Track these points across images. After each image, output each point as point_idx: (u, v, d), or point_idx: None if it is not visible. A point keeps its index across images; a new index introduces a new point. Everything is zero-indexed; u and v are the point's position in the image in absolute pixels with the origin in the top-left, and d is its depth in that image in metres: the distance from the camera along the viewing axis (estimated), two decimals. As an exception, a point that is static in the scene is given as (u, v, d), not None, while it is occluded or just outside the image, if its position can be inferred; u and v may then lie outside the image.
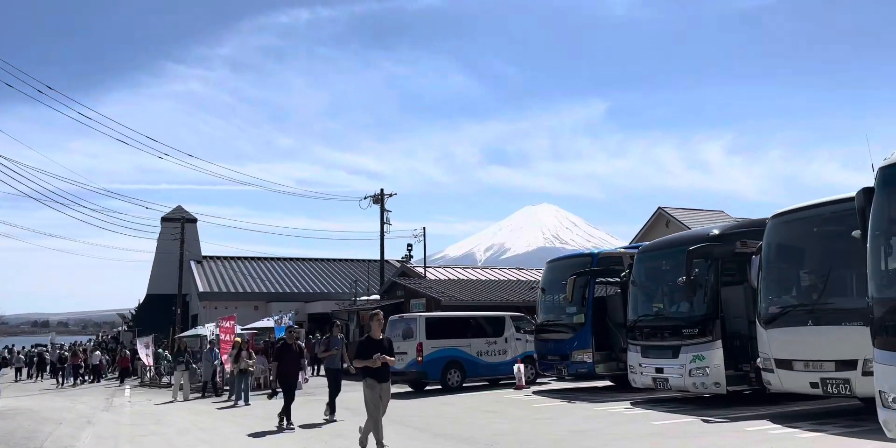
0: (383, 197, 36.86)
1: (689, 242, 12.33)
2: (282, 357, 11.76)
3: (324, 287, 43.84)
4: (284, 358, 11.72)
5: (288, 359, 11.75)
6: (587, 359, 14.79)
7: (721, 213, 48.82)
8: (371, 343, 8.44)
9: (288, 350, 11.84)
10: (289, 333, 12.45)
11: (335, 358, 13.05)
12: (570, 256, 16.81)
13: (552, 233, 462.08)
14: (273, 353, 12.70)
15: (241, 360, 15.60)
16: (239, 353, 15.66)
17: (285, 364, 11.69)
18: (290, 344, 11.96)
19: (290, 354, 11.84)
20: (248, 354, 15.84)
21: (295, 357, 11.99)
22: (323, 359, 14.19)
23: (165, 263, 47.04)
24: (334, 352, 13.14)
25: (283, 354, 11.77)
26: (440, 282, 25.78)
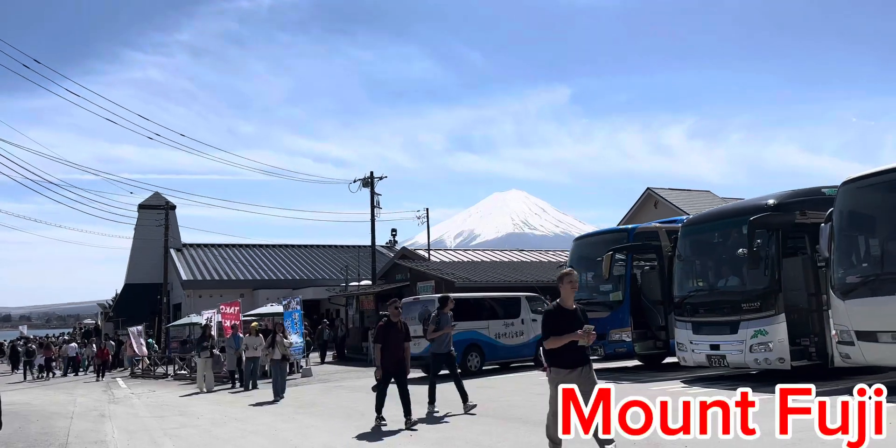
0: (373, 180, 35.97)
1: (744, 213, 11.77)
2: (386, 338, 9.33)
3: (312, 274, 42.89)
4: (390, 340, 9.35)
5: (394, 340, 9.38)
6: (626, 338, 14.21)
7: (708, 193, 48.81)
8: (565, 314, 5.84)
9: (392, 330, 9.41)
10: (393, 309, 9.59)
11: (445, 339, 10.69)
12: (603, 232, 16.17)
13: (521, 218, 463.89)
14: (374, 334, 9.86)
15: (279, 346, 14.32)
16: (274, 339, 14.37)
17: (391, 348, 9.32)
18: (394, 322, 9.46)
19: (397, 335, 9.43)
20: (284, 338, 14.67)
21: (403, 338, 9.55)
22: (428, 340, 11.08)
23: (144, 252, 45.66)
24: (448, 330, 10.70)
25: (388, 335, 9.36)
26: (448, 264, 25.07)
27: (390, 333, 9.39)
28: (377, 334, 9.50)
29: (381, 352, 9.29)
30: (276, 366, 14.16)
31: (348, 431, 8.95)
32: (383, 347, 9.29)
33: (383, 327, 9.45)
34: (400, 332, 9.48)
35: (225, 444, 8.75)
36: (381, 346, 9.30)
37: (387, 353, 9.27)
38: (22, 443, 9.53)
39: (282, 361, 14.23)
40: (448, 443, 7.91)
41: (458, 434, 8.40)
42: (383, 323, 9.53)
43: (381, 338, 9.37)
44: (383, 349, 9.29)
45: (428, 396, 10.48)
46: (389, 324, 9.45)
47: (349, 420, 10.06)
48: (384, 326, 9.46)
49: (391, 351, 9.30)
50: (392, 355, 9.30)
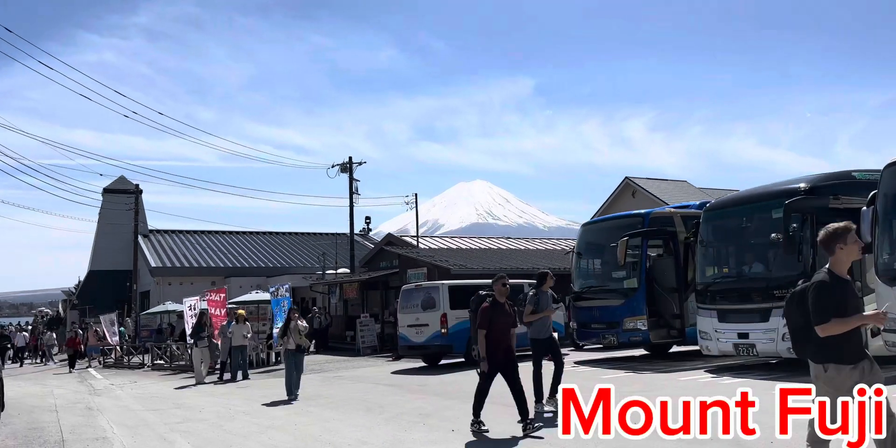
0: (352, 165, 35.09)
1: (775, 196, 11.35)
2: (492, 321, 7.50)
3: (286, 261, 41.84)
4: (496, 324, 7.54)
5: (501, 325, 7.58)
6: (641, 326, 13.73)
7: (685, 183, 48.92)
8: (844, 286, 4.24)
9: (500, 311, 7.63)
10: (500, 286, 7.77)
11: (546, 323, 9.02)
12: (616, 217, 15.68)
13: (485, 209, 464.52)
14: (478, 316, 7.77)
15: (292, 333, 12.21)
16: (287, 325, 12.33)
17: (497, 334, 7.55)
18: (500, 303, 7.70)
19: (505, 318, 7.66)
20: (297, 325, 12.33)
21: (511, 322, 7.77)
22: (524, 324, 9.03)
23: (108, 238, 44.13)
24: (549, 313, 9.07)
25: (495, 318, 7.53)
26: (440, 250, 24.35)
27: (497, 316, 7.56)
28: (482, 318, 7.55)
29: (485, 339, 7.47)
30: (289, 357, 12.24)
31: (379, 426, 8.26)
32: (488, 333, 7.48)
33: (489, 309, 7.56)
34: (508, 314, 7.72)
35: (245, 439, 7.98)
36: (486, 331, 7.48)
37: (492, 340, 7.48)
38: (13, 440, 8.62)
39: (297, 352, 12.26)
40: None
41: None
42: (488, 303, 7.66)
43: (487, 321, 7.49)
44: (488, 335, 7.47)
45: (534, 394, 8.64)
46: (496, 304, 7.63)
47: (371, 414, 9.35)
48: (490, 308, 7.58)
49: (497, 338, 7.52)
50: (498, 343, 7.52)
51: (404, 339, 16.31)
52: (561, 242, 30.38)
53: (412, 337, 16.02)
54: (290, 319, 12.31)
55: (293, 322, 12.18)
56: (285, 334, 12.24)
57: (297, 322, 12.26)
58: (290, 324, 12.24)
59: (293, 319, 12.24)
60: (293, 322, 12.18)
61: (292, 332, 12.09)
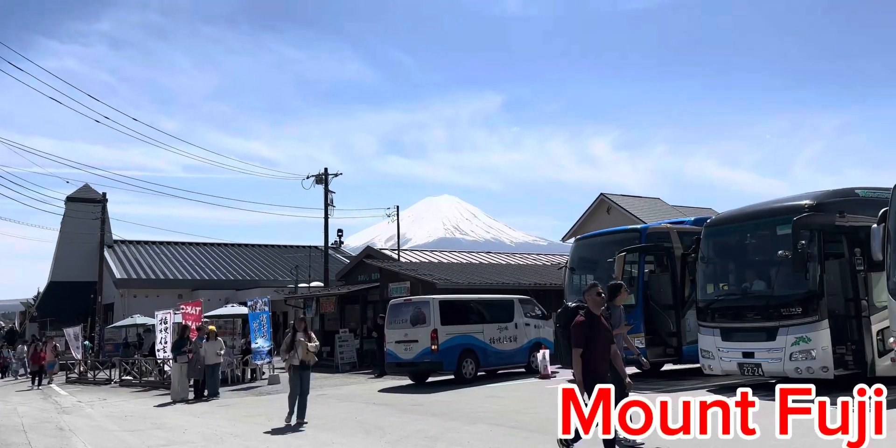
0: (327, 177, 34.50)
1: (781, 212, 11.17)
2: (591, 339, 6.27)
3: (256, 274, 40.90)
4: (596, 341, 6.30)
5: (601, 342, 6.35)
6: (639, 344, 13.38)
7: (658, 201, 49.24)
8: None
9: (598, 326, 6.36)
10: (595, 296, 6.42)
11: (618, 341, 7.58)
12: (611, 232, 15.37)
13: (452, 223, 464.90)
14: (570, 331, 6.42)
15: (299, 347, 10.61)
16: (294, 339, 10.73)
17: (598, 353, 6.30)
18: (596, 316, 6.40)
19: (604, 333, 6.42)
20: (308, 338, 10.84)
21: (610, 338, 6.59)
22: None
23: (71, 248, 42.72)
24: (623, 330, 7.93)
25: (591, 333, 6.28)
26: (422, 264, 23.83)
27: (597, 332, 6.31)
28: (577, 334, 6.26)
29: (582, 359, 6.17)
30: (294, 374, 10.65)
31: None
32: (586, 351, 6.18)
33: (585, 323, 6.28)
34: (607, 329, 6.50)
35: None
36: (584, 349, 6.19)
37: (590, 360, 6.21)
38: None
39: (302, 369, 10.64)
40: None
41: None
42: (583, 316, 6.35)
43: (584, 338, 6.22)
44: (586, 354, 6.18)
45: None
46: (592, 317, 6.35)
47: (371, 437, 8.82)
48: (587, 322, 6.30)
49: (597, 358, 6.28)
50: (597, 364, 6.28)
51: (392, 355, 15.75)
52: (542, 258, 30.10)
53: (400, 354, 15.47)
54: (295, 331, 10.89)
55: (299, 333, 10.82)
56: (291, 348, 10.71)
57: (304, 336, 10.88)
58: (297, 336, 10.79)
59: (299, 331, 10.87)
60: (299, 333, 10.82)
61: (300, 345, 10.65)
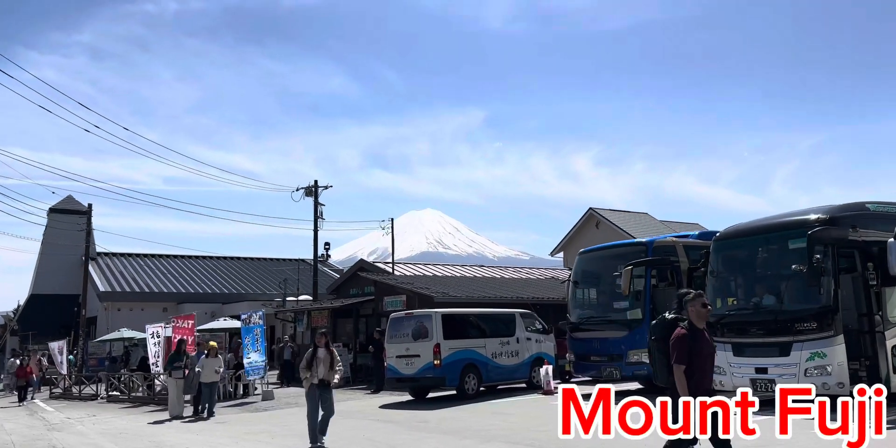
0: (317, 189, 34.22)
1: (793, 226, 11.07)
2: (693, 355, 5.60)
3: (242, 287, 40.36)
4: (701, 357, 5.64)
5: (706, 358, 5.70)
6: (646, 359, 13.15)
7: (646, 215, 49.47)
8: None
9: (701, 340, 5.68)
10: (699, 308, 5.74)
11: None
12: (617, 245, 15.24)
13: (435, 237, 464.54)
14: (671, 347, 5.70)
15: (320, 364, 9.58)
16: (315, 355, 9.67)
17: (702, 370, 5.65)
18: (700, 329, 5.72)
19: (707, 347, 5.71)
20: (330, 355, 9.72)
21: (714, 353, 5.88)
22: None
23: (53, 260, 42.00)
24: None
25: (696, 348, 5.62)
26: (418, 277, 23.55)
27: (700, 346, 5.65)
28: (678, 348, 5.60)
29: (685, 376, 5.55)
30: (312, 394, 9.56)
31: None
32: (689, 368, 5.57)
33: (687, 337, 5.63)
34: (711, 344, 5.81)
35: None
36: (687, 367, 5.58)
37: (693, 377, 5.57)
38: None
39: (322, 388, 9.53)
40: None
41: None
42: (685, 329, 5.69)
43: (685, 353, 5.58)
44: (689, 371, 5.56)
45: None
46: (695, 331, 5.69)
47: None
48: (689, 335, 5.65)
49: (700, 375, 5.62)
50: (701, 382, 5.63)
51: (393, 370, 15.43)
52: (534, 272, 29.93)
53: (402, 369, 15.16)
54: (316, 347, 9.81)
55: (320, 349, 9.74)
56: (311, 365, 9.64)
57: (328, 351, 9.78)
58: (318, 352, 9.70)
59: (320, 347, 9.78)
60: (320, 349, 9.74)
61: (319, 363, 9.60)
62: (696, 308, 5.77)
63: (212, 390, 14.94)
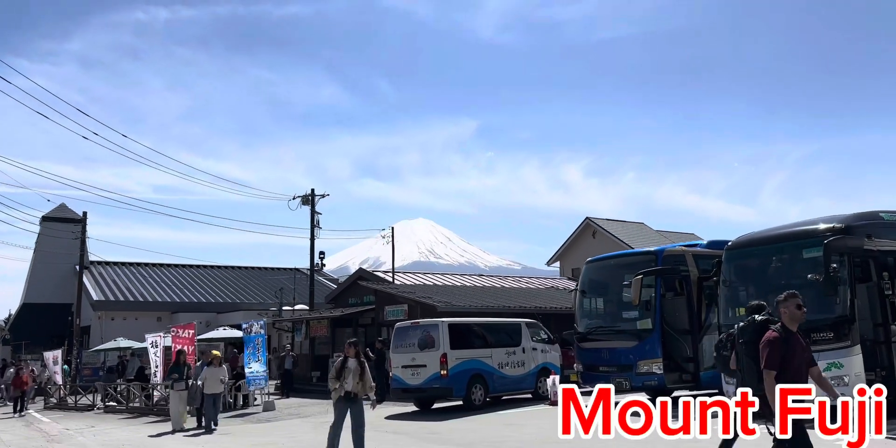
0: (314, 198, 34.08)
1: (808, 236, 11.00)
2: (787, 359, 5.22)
3: (237, 297, 40.07)
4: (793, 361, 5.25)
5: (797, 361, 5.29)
6: (657, 370, 13.09)
7: (643, 225, 49.49)
8: None
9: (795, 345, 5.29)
10: (794, 309, 5.39)
11: None
12: (626, 254, 15.13)
13: (427, 247, 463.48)
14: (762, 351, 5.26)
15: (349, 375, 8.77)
16: (344, 365, 8.87)
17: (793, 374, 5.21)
18: (793, 332, 5.34)
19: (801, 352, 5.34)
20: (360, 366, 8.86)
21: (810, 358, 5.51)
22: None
23: (45, 269, 41.65)
24: None
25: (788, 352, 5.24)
26: (420, 287, 23.36)
27: (794, 351, 5.27)
28: (770, 353, 5.19)
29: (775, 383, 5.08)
30: (340, 407, 8.82)
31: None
32: (780, 374, 5.14)
33: (779, 340, 5.23)
34: (805, 349, 5.44)
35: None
36: (778, 373, 5.15)
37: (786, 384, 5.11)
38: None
39: (351, 402, 8.82)
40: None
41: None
42: (777, 332, 5.29)
43: (777, 358, 5.18)
44: (781, 377, 5.12)
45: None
46: (788, 334, 5.31)
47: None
48: (781, 339, 5.25)
49: (794, 381, 5.15)
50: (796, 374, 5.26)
51: (398, 381, 15.23)
52: (533, 281, 29.81)
53: (407, 379, 14.96)
54: (346, 357, 8.95)
55: (350, 360, 8.86)
56: (340, 375, 8.83)
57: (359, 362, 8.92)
58: (348, 363, 8.86)
59: (350, 357, 8.91)
60: (350, 360, 8.86)
61: (351, 373, 8.76)
62: (789, 309, 5.41)
63: (215, 401, 14.44)
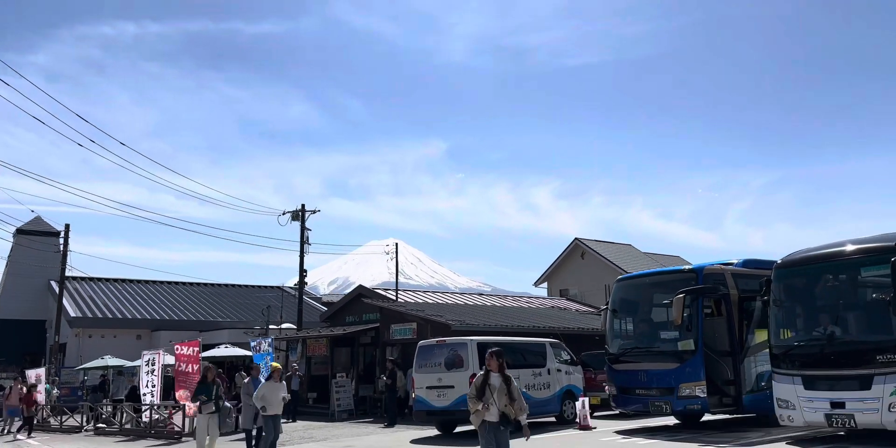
0: (304, 214, 33.32)
1: (867, 253, 10.67)
2: None
3: (220, 314, 38.83)
4: None
5: None
6: (700, 393, 12.56)
7: (630, 247, 49.43)
8: None
9: None
10: None
11: None
12: (663, 272, 14.66)
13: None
14: None
15: (495, 394, 7.00)
16: (486, 380, 7.13)
17: None
18: None
19: None
20: (506, 382, 7.15)
21: None
22: None
23: (19, 284, 40.07)
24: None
25: None
26: (428, 305, 22.65)
27: None
28: None
29: None
30: (489, 435, 7.06)
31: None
32: None
33: None
34: None
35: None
36: None
37: None
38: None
39: (499, 428, 7.03)
40: None
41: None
42: None
43: None
44: None
45: None
46: None
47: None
48: None
49: None
50: None
51: (422, 403, 14.48)
52: (533, 301, 29.26)
53: (433, 401, 14.24)
54: (488, 371, 7.20)
55: (493, 374, 7.13)
56: (483, 394, 7.04)
57: (501, 376, 7.13)
58: (491, 378, 7.10)
59: (493, 371, 7.17)
60: (493, 374, 7.13)
61: (494, 392, 7.01)
62: None
63: (276, 424, 11.58)
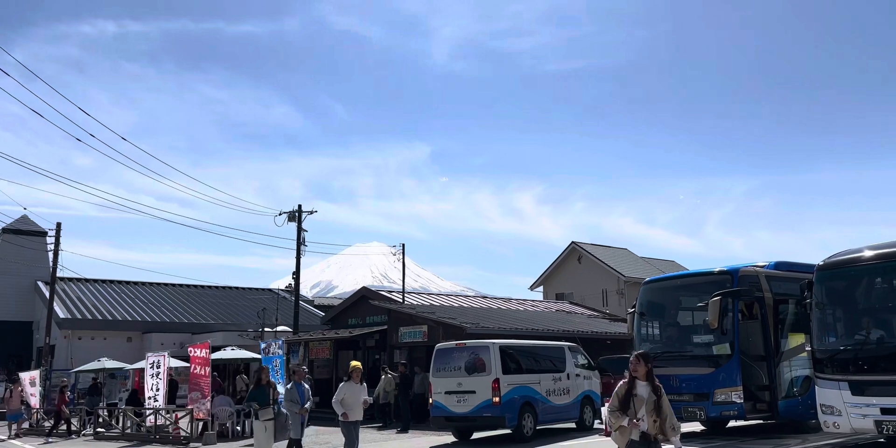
0: (300, 214, 32.74)
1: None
2: None
3: (213, 317, 38.09)
4: None
5: None
6: (737, 399, 12.16)
7: (626, 251, 49.20)
8: None
9: None
10: None
11: None
12: (694, 274, 14.21)
13: (380, 271, 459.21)
14: None
15: (642, 407, 5.95)
16: (633, 389, 6.12)
17: None
18: None
19: None
20: (656, 392, 6.08)
21: None
22: None
23: (5, 284, 39.04)
24: None
25: None
26: (437, 307, 22.13)
27: None
28: None
29: None
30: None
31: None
32: None
33: None
34: None
35: None
36: None
37: None
38: None
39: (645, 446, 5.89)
40: None
41: None
42: None
43: None
44: None
45: None
46: None
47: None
48: None
49: None
50: None
51: (441, 408, 13.96)
52: (538, 304, 28.82)
53: (452, 406, 13.73)
54: (633, 379, 6.10)
55: (640, 382, 6.06)
56: (627, 407, 5.96)
57: (649, 385, 6.03)
58: (637, 387, 6.04)
59: (639, 378, 6.08)
60: (640, 382, 6.06)
61: (641, 403, 5.93)
62: None
63: (355, 431, 10.50)
